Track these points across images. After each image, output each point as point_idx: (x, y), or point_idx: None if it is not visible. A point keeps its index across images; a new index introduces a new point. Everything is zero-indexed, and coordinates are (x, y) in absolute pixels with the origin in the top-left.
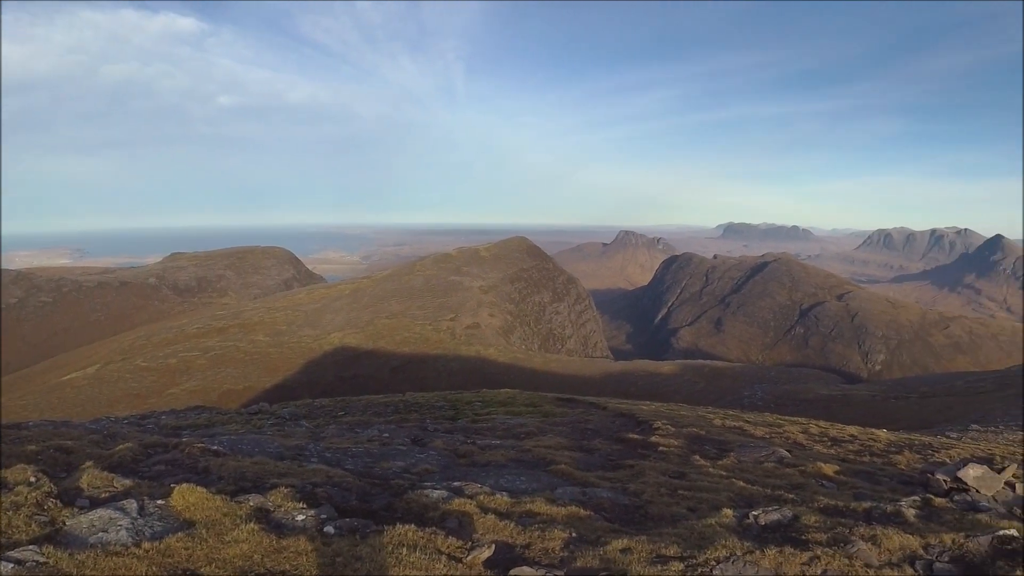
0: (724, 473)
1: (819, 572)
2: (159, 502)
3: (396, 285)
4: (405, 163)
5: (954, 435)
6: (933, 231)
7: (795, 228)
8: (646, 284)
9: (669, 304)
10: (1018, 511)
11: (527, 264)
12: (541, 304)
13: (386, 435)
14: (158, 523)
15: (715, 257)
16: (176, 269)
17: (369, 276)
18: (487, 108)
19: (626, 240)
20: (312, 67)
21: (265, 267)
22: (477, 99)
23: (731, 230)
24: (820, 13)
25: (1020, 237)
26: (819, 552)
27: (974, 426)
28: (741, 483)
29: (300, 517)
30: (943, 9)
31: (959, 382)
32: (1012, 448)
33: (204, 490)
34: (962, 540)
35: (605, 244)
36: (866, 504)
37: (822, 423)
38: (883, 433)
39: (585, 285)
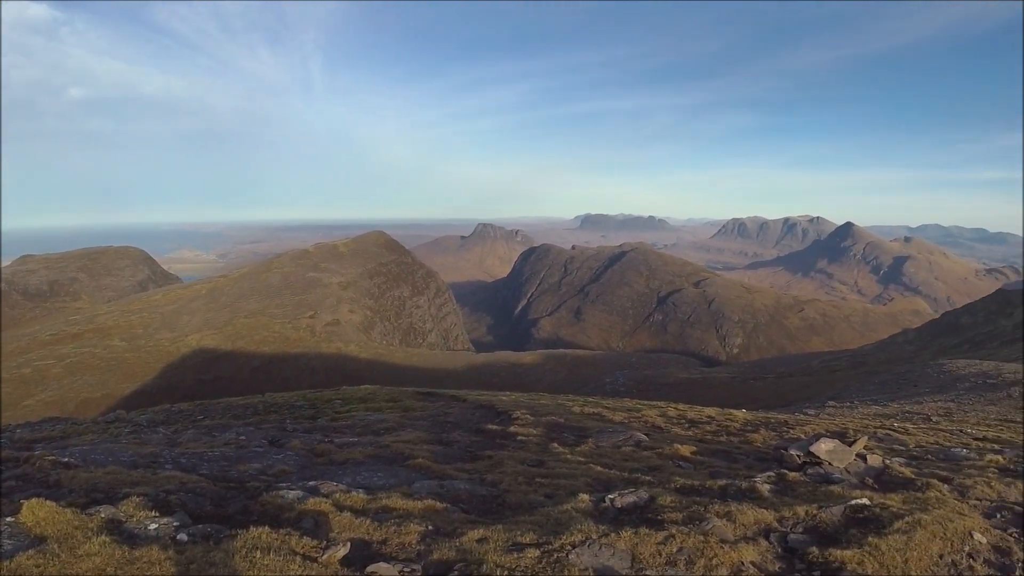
0: (582, 459)
1: (674, 550)
2: (8, 519)
3: (254, 283)
4: (262, 158)
5: (811, 412)
6: (786, 219)
7: (652, 218)
8: (505, 276)
9: (529, 295)
10: (870, 481)
11: (386, 259)
12: (401, 299)
13: (243, 437)
14: (8, 541)
15: (573, 248)
16: (27, 273)
17: (226, 275)
18: (347, 101)
19: (484, 233)
20: (168, 58)
21: (119, 268)
22: (337, 92)
23: (589, 221)
24: (677, 10)
25: (869, 224)
26: (674, 531)
27: (831, 403)
28: (599, 468)
29: (153, 526)
30: (797, 9)
31: (815, 362)
32: (866, 422)
33: (54, 504)
34: (815, 511)
35: (464, 237)
36: (722, 482)
37: (681, 406)
38: (741, 413)
39: (444, 278)
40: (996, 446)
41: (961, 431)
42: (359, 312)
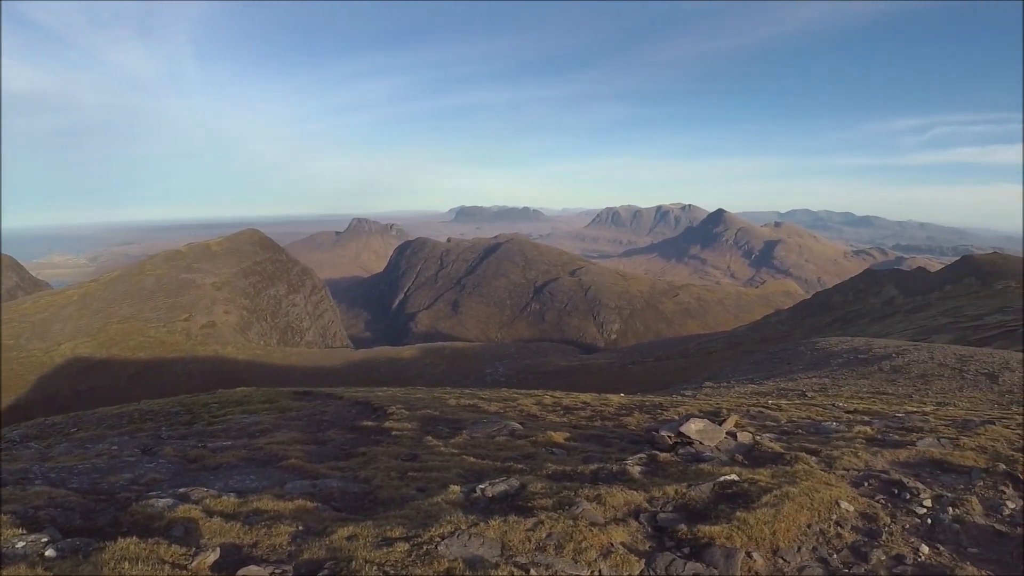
0: (456, 451)
1: (544, 535)
2: None
3: (126, 287)
4: (134, 156)
5: (689, 393)
6: (659, 207)
7: (526, 209)
8: (382, 271)
9: (406, 289)
10: (740, 457)
11: (260, 257)
12: (277, 297)
13: (115, 448)
14: None
15: (449, 240)
16: None
17: (97, 279)
18: (220, 96)
19: (359, 227)
20: (34, 52)
21: None
22: (210, 86)
23: (464, 213)
24: (551, 3)
25: (741, 211)
26: (544, 517)
27: (708, 383)
28: (472, 459)
29: (20, 544)
30: (670, 3)
31: (692, 344)
32: (741, 400)
33: None
34: (685, 490)
35: (339, 233)
36: (593, 466)
37: (557, 393)
38: (616, 397)
39: (320, 275)
40: (866, 418)
41: (834, 405)
42: (235, 313)
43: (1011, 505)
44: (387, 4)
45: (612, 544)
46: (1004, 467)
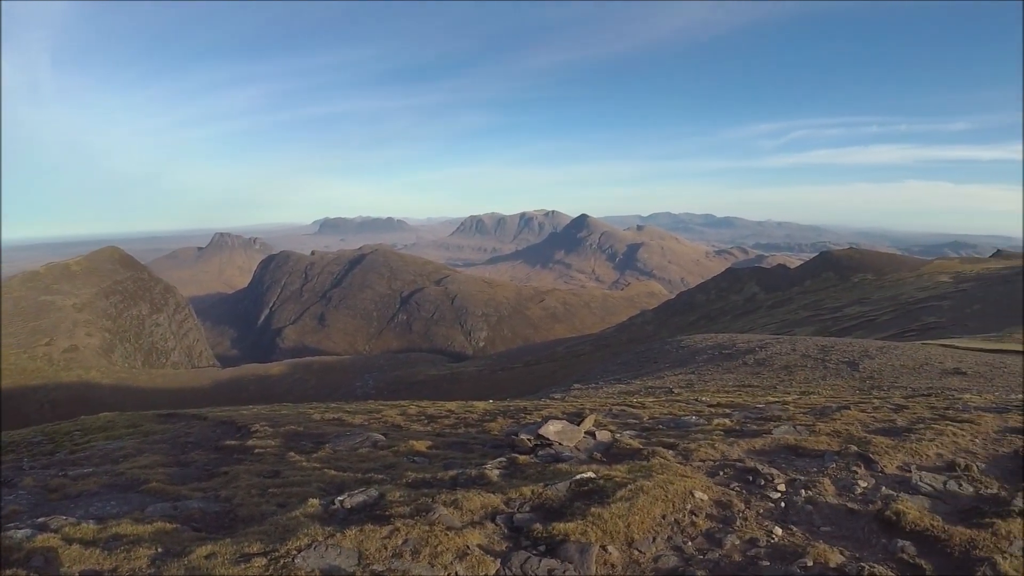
0: (318, 465)
1: (400, 542)
2: None
3: None
4: None
5: (557, 396)
6: (523, 214)
7: (390, 219)
8: (246, 286)
9: (271, 304)
10: (598, 455)
11: (121, 276)
12: (140, 317)
13: None
14: None
15: (313, 253)
16: None
17: None
18: (77, 106)
19: (222, 242)
20: None
21: None
22: (67, 96)
23: (327, 225)
24: (412, 12)
25: (604, 216)
26: (400, 524)
27: (576, 385)
28: (333, 472)
29: None
30: (532, 11)
31: (560, 348)
32: (609, 400)
33: None
34: (541, 489)
35: (201, 248)
36: (453, 472)
37: (424, 403)
38: (482, 404)
39: (184, 292)
40: (727, 410)
41: (697, 400)
42: (97, 335)
43: (863, 484)
44: (249, 7)
45: (468, 546)
46: (856, 448)
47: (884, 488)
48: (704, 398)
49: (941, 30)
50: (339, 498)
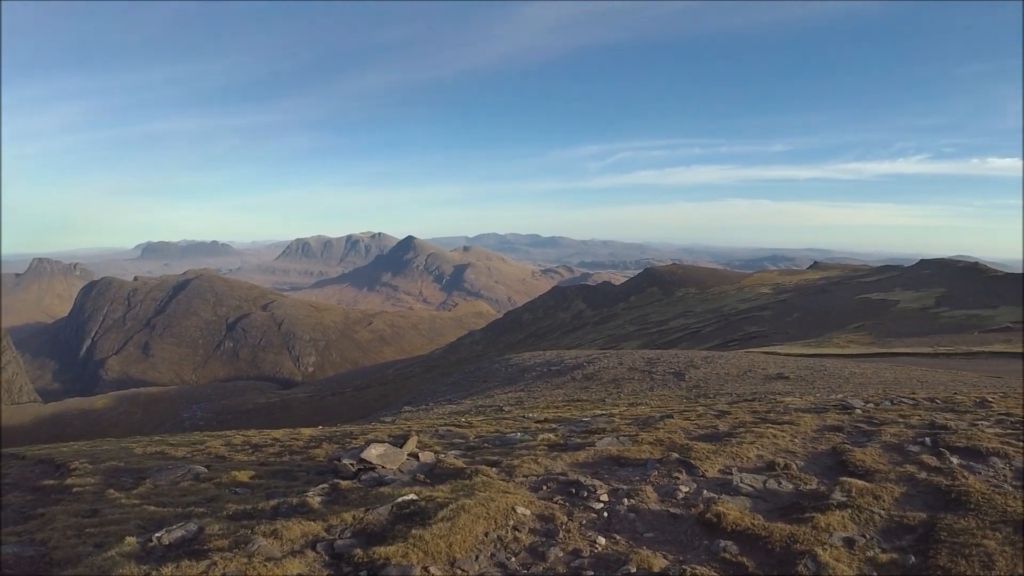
0: (138, 501)
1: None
2: None
3: None
4: None
5: (388, 419)
6: (349, 236)
7: (215, 243)
8: (67, 315)
9: (93, 333)
10: (422, 477)
11: None
12: None
13: None
14: None
15: (136, 279)
16: None
17: None
18: None
19: (40, 268)
20: None
21: None
22: None
23: (150, 249)
24: (242, 29)
25: (430, 237)
26: (218, 558)
27: (407, 408)
28: (153, 508)
29: None
30: (366, 33)
31: (390, 370)
32: (440, 420)
33: None
34: (362, 514)
35: (18, 275)
36: (274, 501)
37: (249, 432)
38: (307, 431)
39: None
40: (554, 425)
41: (525, 416)
42: None
43: (684, 489)
44: (63, 12)
45: None
46: (677, 455)
47: (705, 491)
48: (533, 414)
49: (761, 57)
50: (157, 535)
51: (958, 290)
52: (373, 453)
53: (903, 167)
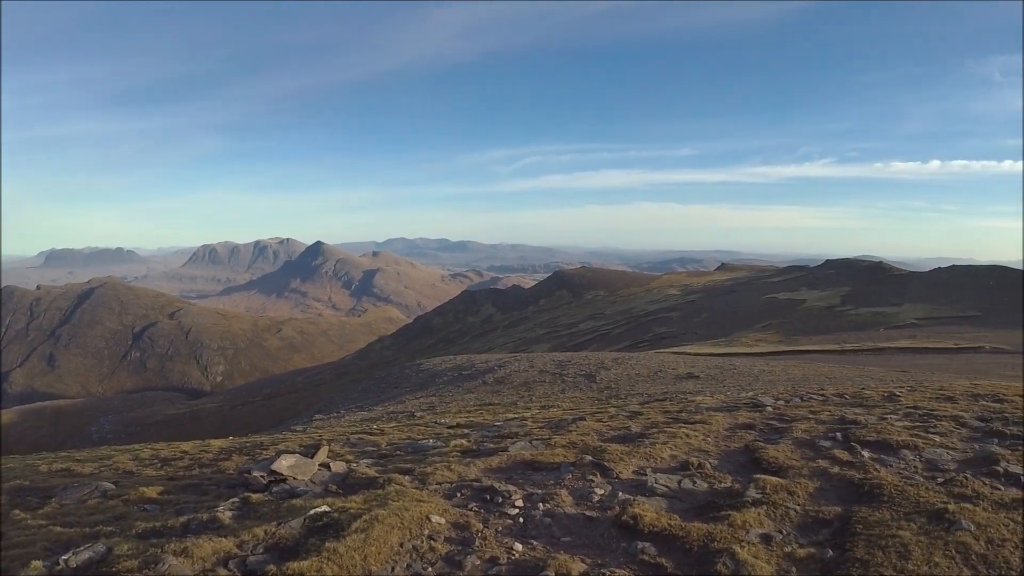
0: (44, 522)
1: None
2: None
3: None
4: None
5: (299, 428)
6: (257, 242)
7: (120, 250)
8: None
9: None
10: (334, 487)
11: None
12: None
13: None
14: None
15: (39, 288)
16: None
17: None
18: None
19: None
20: None
21: None
22: None
23: (54, 257)
24: (149, 28)
25: (339, 242)
26: None
27: (318, 416)
28: (60, 528)
29: None
30: (275, 35)
31: (299, 378)
32: (352, 428)
33: None
34: (275, 528)
35: None
36: (184, 518)
37: (159, 445)
38: (218, 442)
39: None
40: (466, 430)
41: (437, 422)
42: None
43: (600, 492)
44: None
45: None
46: (591, 458)
47: (621, 493)
48: (445, 420)
49: (669, 62)
50: (64, 557)
51: (863, 289)
52: (284, 464)
53: (809, 171)
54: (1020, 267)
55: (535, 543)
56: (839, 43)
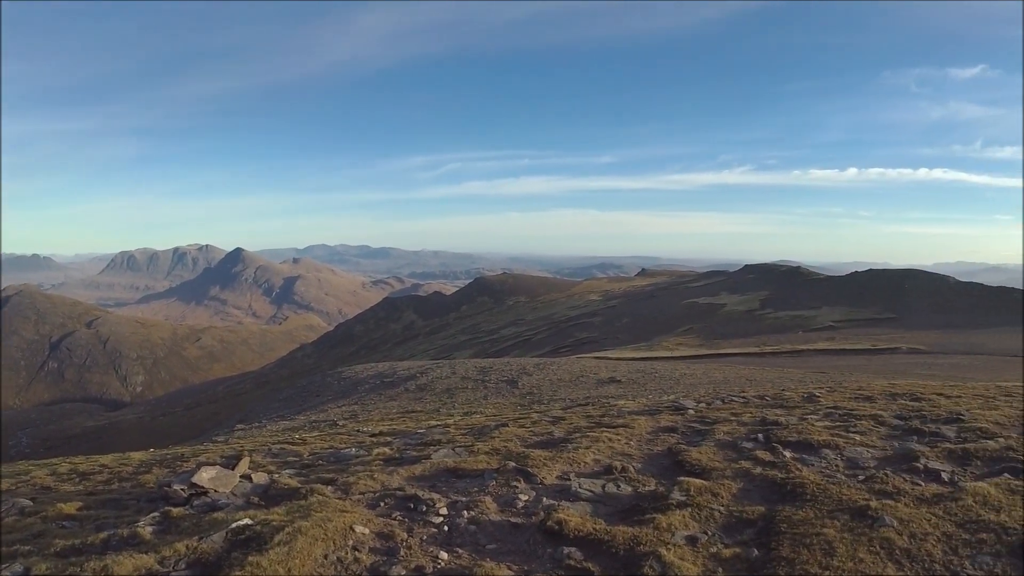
0: None
1: None
2: None
3: None
4: None
5: (221, 439)
6: (176, 249)
7: (36, 257)
8: None
9: None
10: (256, 499)
11: None
12: None
13: None
14: None
15: None
16: None
17: None
18: None
19: None
20: None
21: None
22: None
23: None
24: (63, 27)
25: (260, 249)
26: None
27: (239, 425)
28: None
29: None
30: (193, 37)
31: (220, 388)
32: (274, 438)
33: None
34: (196, 543)
35: None
36: (104, 534)
37: (77, 459)
38: (137, 455)
39: None
40: (389, 438)
41: (360, 431)
42: None
43: (524, 497)
44: None
45: None
46: (515, 464)
47: (545, 499)
48: (367, 428)
49: (589, 70)
50: None
51: (782, 292)
52: (204, 477)
53: (728, 178)
54: (932, 270)
55: (460, 551)
56: (760, 53)
